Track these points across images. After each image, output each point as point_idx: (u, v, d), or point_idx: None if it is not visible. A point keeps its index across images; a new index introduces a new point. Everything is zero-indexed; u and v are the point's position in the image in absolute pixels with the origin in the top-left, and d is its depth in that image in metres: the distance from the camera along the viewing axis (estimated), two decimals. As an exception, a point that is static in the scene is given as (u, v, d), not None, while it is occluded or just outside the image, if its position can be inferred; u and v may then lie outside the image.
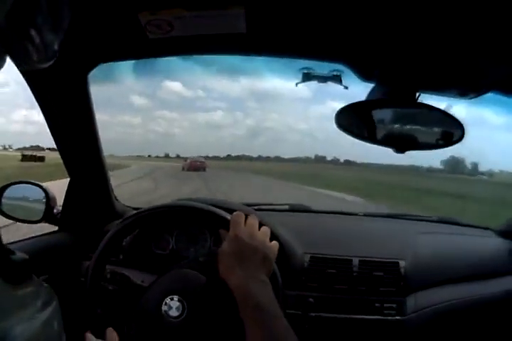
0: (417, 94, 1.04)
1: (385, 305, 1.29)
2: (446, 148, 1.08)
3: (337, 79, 1.10)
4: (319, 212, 1.84)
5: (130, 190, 9.46)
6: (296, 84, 1.12)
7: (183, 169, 27.56)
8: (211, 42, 1.02)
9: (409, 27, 0.88)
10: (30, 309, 0.56)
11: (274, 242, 0.98)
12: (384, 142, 1.06)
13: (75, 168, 1.40)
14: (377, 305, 1.30)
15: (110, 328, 0.94)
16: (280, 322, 0.82)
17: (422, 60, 0.98)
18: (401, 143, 1.07)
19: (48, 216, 1.39)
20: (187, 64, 1.22)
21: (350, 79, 1.09)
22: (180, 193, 10.86)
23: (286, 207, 1.80)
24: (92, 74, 1.15)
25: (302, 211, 1.79)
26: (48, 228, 1.47)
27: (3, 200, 1.38)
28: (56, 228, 1.47)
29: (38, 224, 1.42)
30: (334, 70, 1.10)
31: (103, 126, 1.31)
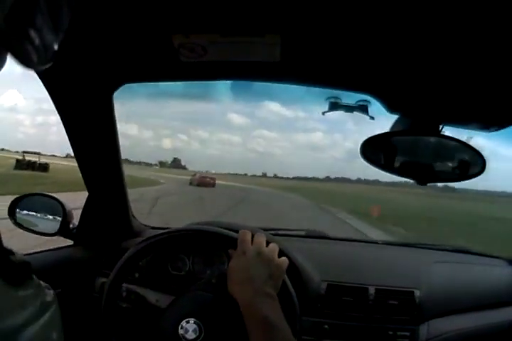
0: (441, 127, 1.05)
1: (398, 333, 1.29)
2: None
3: (363, 109, 1.11)
4: (336, 239, 1.83)
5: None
6: (323, 113, 1.13)
7: (191, 184, 27.40)
8: (243, 69, 1.03)
9: (435, 61, 0.89)
10: (30, 310, 0.56)
11: (282, 258, 0.99)
12: (407, 174, 1.08)
13: (94, 184, 1.40)
14: (390, 333, 1.29)
15: None
16: (286, 336, 0.82)
17: (447, 92, 1.00)
18: (423, 175, 1.08)
19: (64, 230, 1.38)
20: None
21: (377, 109, 1.09)
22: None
23: (303, 232, 1.80)
24: (185, 92, 1.15)
25: (319, 237, 1.78)
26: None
27: (17, 211, 1.38)
28: (71, 242, 1.46)
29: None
30: (360, 100, 1.10)
31: (202, 143, 1.31)
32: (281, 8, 0.77)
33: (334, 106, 1.10)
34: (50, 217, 1.41)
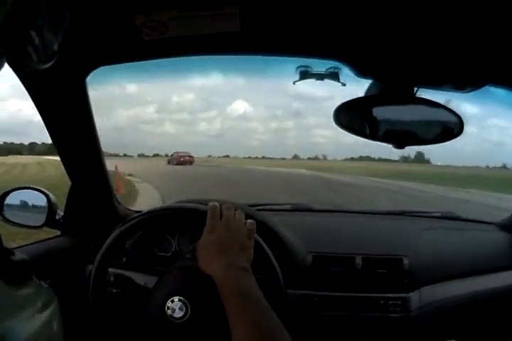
0: (415, 89, 1.04)
1: (389, 302, 1.29)
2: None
3: (334, 76, 1.09)
4: (321, 211, 1.84)
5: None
6: (294, 83, 1.12)
7: (169, 163, 28.63)
8: (207, 42, 1.02)
9: (404, 22, 0.88)
10: (30, 309, 0.57)
11: (249, 225, 0.98)
12: (383, 138, 1.06)
13: (76, 172, 1.40)
14: (381, 302, 1.29)
15: None
16: (263, 307, 0.82)
17: (418, 54, 0.98)
18: (401, 139, 1.07)
19: (50, 221, 1.38)
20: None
21: (348, 76, 1.08)
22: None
23: (289, 206, 1.80)
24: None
25: (304, 210, 1.78)
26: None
27: (5, 207, 1.38)
28: (59, 232, 1.46)
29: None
30: (331, 67, 1.09)
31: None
32: None
33: (304, 74, 1.09)
34: (37, 209, 1.41)
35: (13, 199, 1.40)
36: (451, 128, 1.05)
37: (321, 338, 1.31)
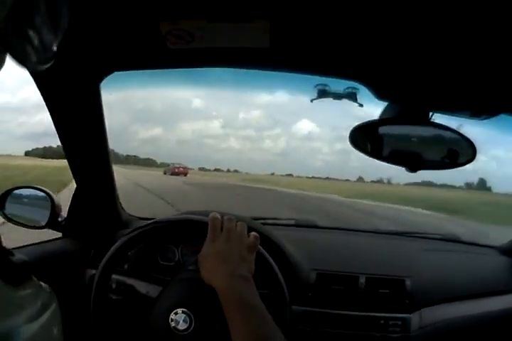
0: (430, 114, 1.05)
1: (390, 322, 1.30)
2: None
3: (352, 96, 1.11)
4: (325, 228, 1.84)
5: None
6: (312, 101, 1.13)
7: (165, 173, 30.07)
8: (231, 56, 1.03)
9: (424, 48, 0.89)
10: (30, 310, 0.57)
11: (252, 237, 0.98)
12: (397, 161, 1.08)
13: (82, 176, 1.39)
14: (382, 321, 1.30)
15: None
16: (263, 316, 0.82)
17: (436, 80, 1.00)
18: (413, 163, 1.08)
19: (53, 222, 1.37)
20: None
21: (365, 97, 1.09)
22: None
23: (293, 221, 1.80)
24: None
25: (308, 226, 1.78)
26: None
27: (7, 205, 1.37)
28: (60, 234, 1.45)
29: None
30: (349, 88, 1.10)
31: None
32: None
33: (322, 93, 1.11)
34: (40, 209, 1.40)
35: (15, 197, 1.39)
36: (463, 154, 1.07)
37: None
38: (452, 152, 1.08)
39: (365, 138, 1.08)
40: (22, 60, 0.41)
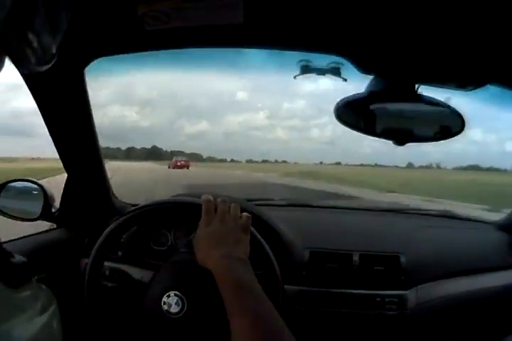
0: (417, 86, 1.05)
1: (386, 299, 1.30)
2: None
3: (336, 71, 1.10)
4: (319, 207, 1.84)
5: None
6: (295, 77, 1.12)
7: (169, 167, 30.46)
8: (209, 34, 1.02)
9: (407, 19, 0.88)
10: (30, 312, 0.57)
11: (244, 218, 0.98)
12: (383, 135, 1.08)
13: (72, 165, 1.39)
14: (378, 299, 1.30)
15: None
16: (260, 297, 0.82)
17: (421, 52, 0.99)
18: (401, 136, 1.08)
19: (46, 213, 1.38)
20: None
21: (349, 71, 1.08)
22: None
23: (285, 201, 1.81)
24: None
25: (301, 206, 1.79)
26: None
27: (0, 199, 1.37)
28: (54, 225, 1.46)
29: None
30: (333, 62, 1.09)
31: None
32: None
33: (305, 69, 1.09)
34: (33, 202, 1.40)
35: (8, 191, 1.40)
36: (451, 126, 1.07)
37: (318, 334, 1.31)
38: (441, 123, 1.08)
39: (350, 112, 1.07)
40: (21, 62, 0.41)
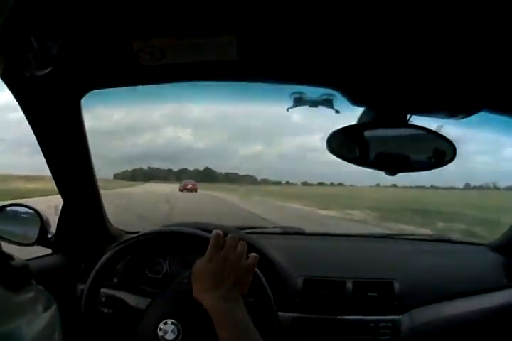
0: (408, 116, 1.07)
1: (380, 324, 1.31)
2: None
3: (328, 103, 1.12)
4: (312, 235, 1.86)
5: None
6: (288, 109, 1.14)
7: (180, 190, 29.07)
8: (203, 70, 1.05)
9: (396, 51, 0.90)
10: (30, 314, 0.59)
11: (250, 259, 0.98)
12: (376, 165, 1.09)
13: (68, 192, 1.41)
14: (372, 325, 1.31)
15: None
16: (254, 337, 0.84)
17: (411, 82, 1.01)
18: (393, 165, 1.09)
19: (42, 239, 1.39)
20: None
21: (342, 103, 1.10)
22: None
23: (279, 229, 1.81)
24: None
25: (294, 234, 1.80)
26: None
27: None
28: (50, 251, 1.47)
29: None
30: (325, 94, 1.11)
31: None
32: (235, 9, 0.78)
33: (298, 101, 1.12)
34: (29, 227, 1.42)
35: (5, 215, 1.41)
36: (443, 154, 1.08)
37: None
38: (432, 152, 1.09)
39: (342, 143, 1.09)
40: (21, 65, 0.42)
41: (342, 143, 1.09)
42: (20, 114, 1.12)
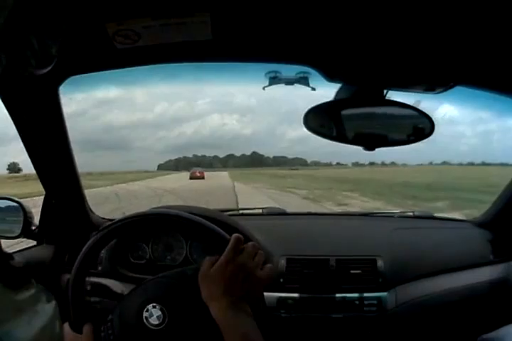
0: (385, 92, 1.08)
1: (365, 302, 1.34)
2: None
3: (304, 81, 1.14)
4: (294, 214, 1.88)
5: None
6: (264, 88, 1.16)
7: (190, 178, 32.67)
8: (178, 51, 1.06)
9: (370, 26, 0.91)
10: (30, 312, 0.59)
11: (265, 270, 0.97)
12: (353, 141, 1.11)
13: (49, 182, 1.42)
14: (356, 302, 1.34)
15: (88, 324, 1.01)
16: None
17: (387, 57, 1.02)
18: (371, 141, 1.11)
19: (26, 231, 1.41)
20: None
21: (318, 80, 1.12)
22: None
23: (261, 211, 1.84)
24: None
25: (276, 214, 1.82)
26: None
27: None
28: (35, 243, 1.49)
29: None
30: (301, 72, 1.13)
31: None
32: None
33: (274, 80, 1.14)
34: (13, 219, 1.43)
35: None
36: (421, 129, 1.10)
37: (300, 339, 1.35)
38: (411, 126, 1.11)
39: (319, 120, 1.10)
40: (21, 64, 0.44)
41: (319, 120, 1.10)
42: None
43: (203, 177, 32.91)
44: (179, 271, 1.13)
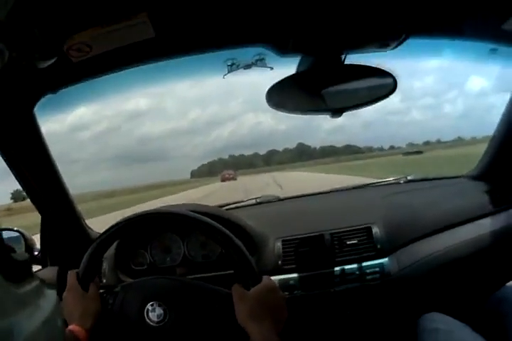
0: (343, 57, 1.13)
1: (367, 271, 1.39)
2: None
3: (261, 62, 1.20)
4: (286, 199, 1.91)
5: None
6: (224, 76, 1.23)
7: (221, 181, 33.53)
8: (130, 54, 1.13)
9: None
10: (32, 306, 0.61)
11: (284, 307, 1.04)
12: (319, 110, 1.16)
13: (43, 205, 1.50)
14: (357, 273, 1.39)
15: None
16: None
17: (335, 19, 1.05)
18: (335, 107, 1.15)
19: (29, 257, 1.46)
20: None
21: (275, 59, 1.17)
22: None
23: (254, 201, 1.89)
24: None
25: (269, 202, 1.86)
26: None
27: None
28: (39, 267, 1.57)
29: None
30: (256, 55, 1.19)
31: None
32: None
33: (232, 67, 1.20)
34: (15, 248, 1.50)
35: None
36: (383, 86, 1.14)
37: (308, 318, 1.41)
38: (375, 86, 1.15)
39: (282, 95, 1.14)
40: (25, 56, 0.48)
41: (282, 96, 1.14)
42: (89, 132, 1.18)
43: (234, 179, 33.28)
44: (215, 288, 1.14)
